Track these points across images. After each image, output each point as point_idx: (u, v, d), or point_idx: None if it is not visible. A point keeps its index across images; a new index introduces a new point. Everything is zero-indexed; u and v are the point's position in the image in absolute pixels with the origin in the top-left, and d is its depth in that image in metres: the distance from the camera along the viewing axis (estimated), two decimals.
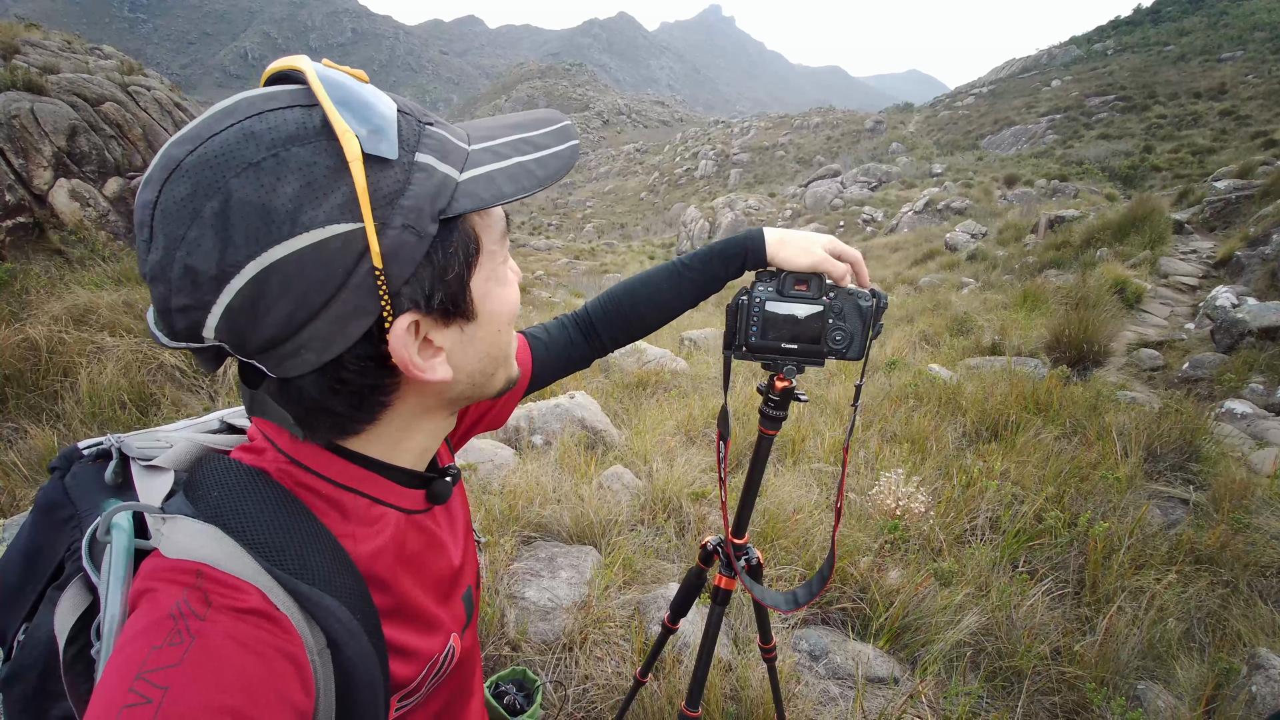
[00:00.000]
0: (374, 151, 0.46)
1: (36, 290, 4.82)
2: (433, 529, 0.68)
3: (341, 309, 0.47)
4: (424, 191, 0.48)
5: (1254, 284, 7.58)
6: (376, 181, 0.46)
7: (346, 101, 0.46)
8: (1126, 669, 2.25)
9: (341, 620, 0.51)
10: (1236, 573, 2.71)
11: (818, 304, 0.94)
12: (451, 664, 0.68)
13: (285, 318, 0.45)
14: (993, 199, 21.39)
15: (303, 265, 0.44)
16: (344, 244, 0.45)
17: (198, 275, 0.44)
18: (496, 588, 2.22)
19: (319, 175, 0.44)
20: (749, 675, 1.94)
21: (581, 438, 3.57)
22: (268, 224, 0.43)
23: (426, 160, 0.49)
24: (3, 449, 3.06)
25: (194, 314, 0.45)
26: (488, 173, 0.53)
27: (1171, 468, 3.69)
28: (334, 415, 0.54)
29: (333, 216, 0.44)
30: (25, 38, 7.52)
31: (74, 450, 0.62)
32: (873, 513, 2.96)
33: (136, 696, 0.40)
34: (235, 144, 0.44)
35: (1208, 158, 22.44)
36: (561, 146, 0.59)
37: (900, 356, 5.94)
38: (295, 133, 0.45)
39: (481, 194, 0.51)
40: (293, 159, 0.44)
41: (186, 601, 0.45)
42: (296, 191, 0.44)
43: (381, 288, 0.47)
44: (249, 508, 0.52)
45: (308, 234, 0.44)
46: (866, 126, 58.57)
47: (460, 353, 0.57)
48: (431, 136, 0.51)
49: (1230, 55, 41.68)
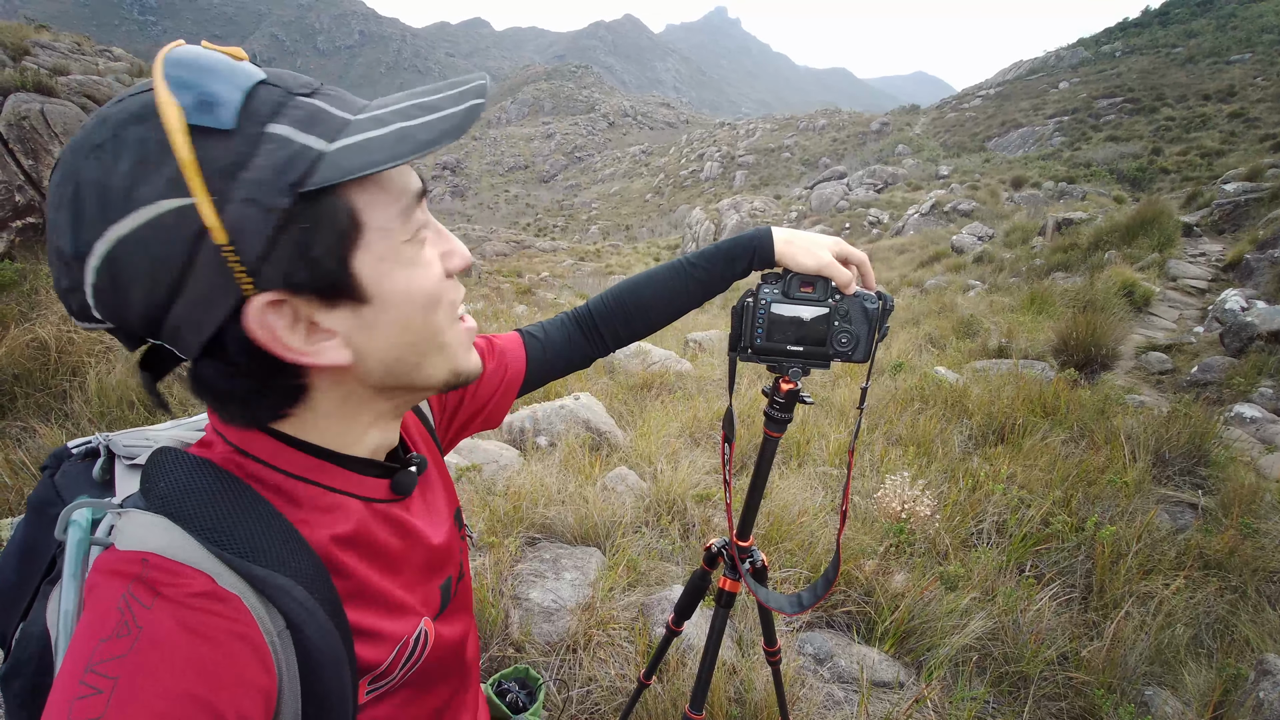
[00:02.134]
0: (200, 122, 0.44)
1: (46, 290, 4.85)
2: (404, 518, 0.67)
3: (197, 288, 0.46)
4: (270, 163, 0.45)
5: (1263, 287, 7.53)
6: (209, 153, 0.44)
7: (185, 78, 0.45)
8: (1134, 674, 2.23)
9: (298, 599, 0.51)
10: (1245, 578, 2.69)
11: (823, 306, 0.94)
12: (426, 648, 0.67)
13: (144, 297, 0.46)
14: (1000, 201, 21.32)
15: (144, 243, 0.44)
16: (178, 219, 0.44)
17: (64, 256, 0.46)
18: (501, 589, 2.22)
19: (150, 151, 0.44)
20: (753, 678, 1.94)
21: (586, 439, 3.57)
22: (106, 203, 0.44)
23: (280, 130, 0.46)
24: (12, 448, 3.08)
25: (76, 295, 0.47)
26: (361, 141, 0.48)
27: (1180, 472, 3.66)
28: (242, 400, 0.53)
29: (162, 191, 0.44)
30: (35, 39, 7.58)
31: (64, 450, 0.63)
32: (878, 516, 2.95)
33: (87, 688, 0.40)
34: (90, 129, 0.46)
35: (1216, 160, 22.28)
36: (457, 108, 0.52)
37: (906, 359, 5.92)
38: (137, 111, 0.45)
39: (346, 164, 0.47)
40: (129, 136, 0.44)
41: (132, 593, 0.45)
42: (130, 169, 0.44)
43: (234, 266, 0.45)
44: (195, 496, 0.51)
45: (140, 210, 0.44)
46: (872, 128, 58.47)
47: (362, 337, 0.54)
48: (300, 107, 0.48)
49: (1239, 57, 41.41)
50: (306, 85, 0.51)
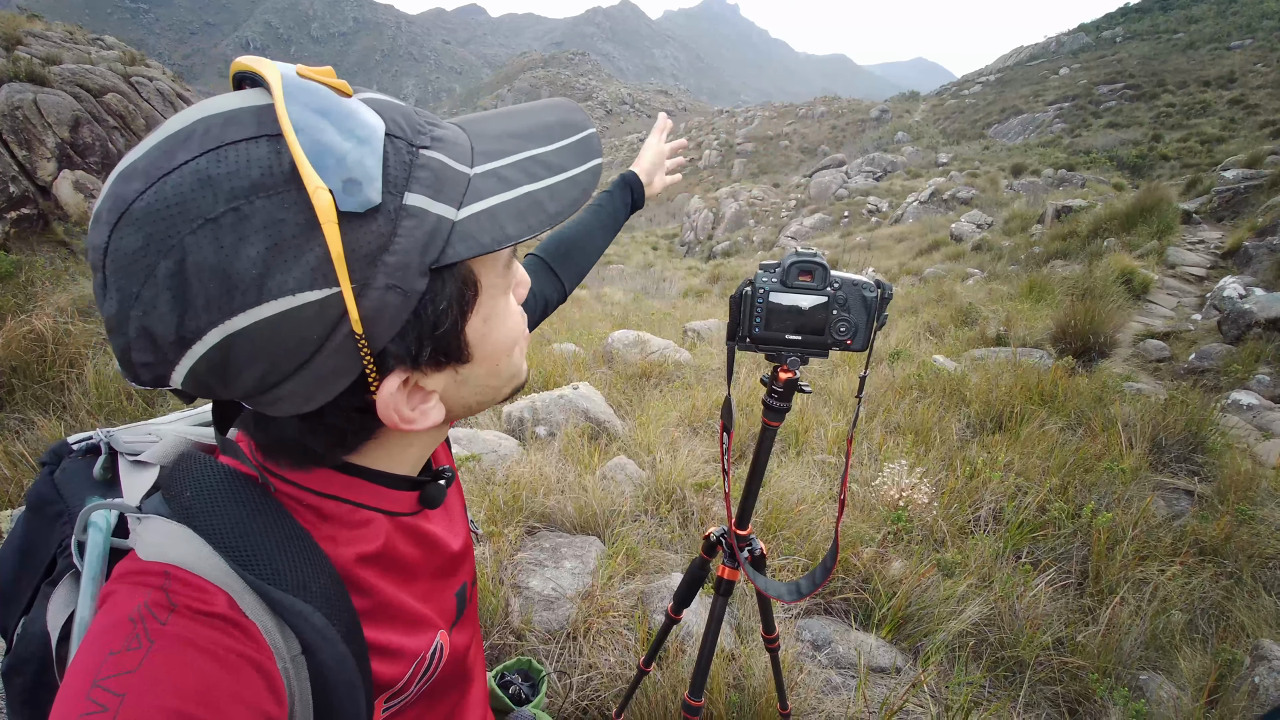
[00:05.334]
0: (351, 208, 0.40)
1: (42, 282, 4.84)
2: (425, 528, 0.66)
3: (318, 370, 0.43)
4: (412, 244, 0.42)
5: (1262, 274, 7.53)
6: (354, 240, 0.40)
7: (323, 144, 0.40)
8: (1129, 660, 2.25)
9: (315, 626, 0.49)
10: (1241, 564, 2.71)
11: (822, 295, 0.94)
12: (441, 661, 0.66)
13: (258, 378, 0.42)
14: (999, 189, 21.23)
15: (273, 333, 0.40)
16: (319, 310, 0.40)
17: (156, 338, 0.40)
18: (501, 577, 2.23)
19: (287, 235, 0.39)
20: (752, 665, 1.95)
21: (585, 429, 3.57)
22: (229, 291, 0.38)
23: (417, 203, 0.43)
24: (11, 440, 3.08)
25: (157, 369, 0.42)
26: (490, 209, 0.46)
27: (1177, 459, 3.68)
28: (309, 451, 0.51)
29: (304, 283, 0.39)
30: (28, 29, 7.51)
31: (64, 445, 0.62)
32: (876, 504, 2.96)
33: (93, 705, 0.38)
34: (190, 193, 0.38)
35: (1216, 147, 22.18)
36: (579, 170, 0.51)
37: (905, 347, 5.92)
38: (259, 180, 0.39)
39: (481, 238, 0.45)
40: (257, 215, 0.38)
41: (148, 605, 0.43)
42: (261, 254, 0.38)
43: (363, 350, 0.43)
44: (223, 510, 0.50)
45: (275, 301, 0.39)
46: (872, 115, 58.13)
47: (454, 393, 0.54)
48: (425, 166, 0.44)
49: (1239, 43, 41.16)
50: (423, 129, 0.47)
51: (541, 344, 5.56)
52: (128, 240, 0.38)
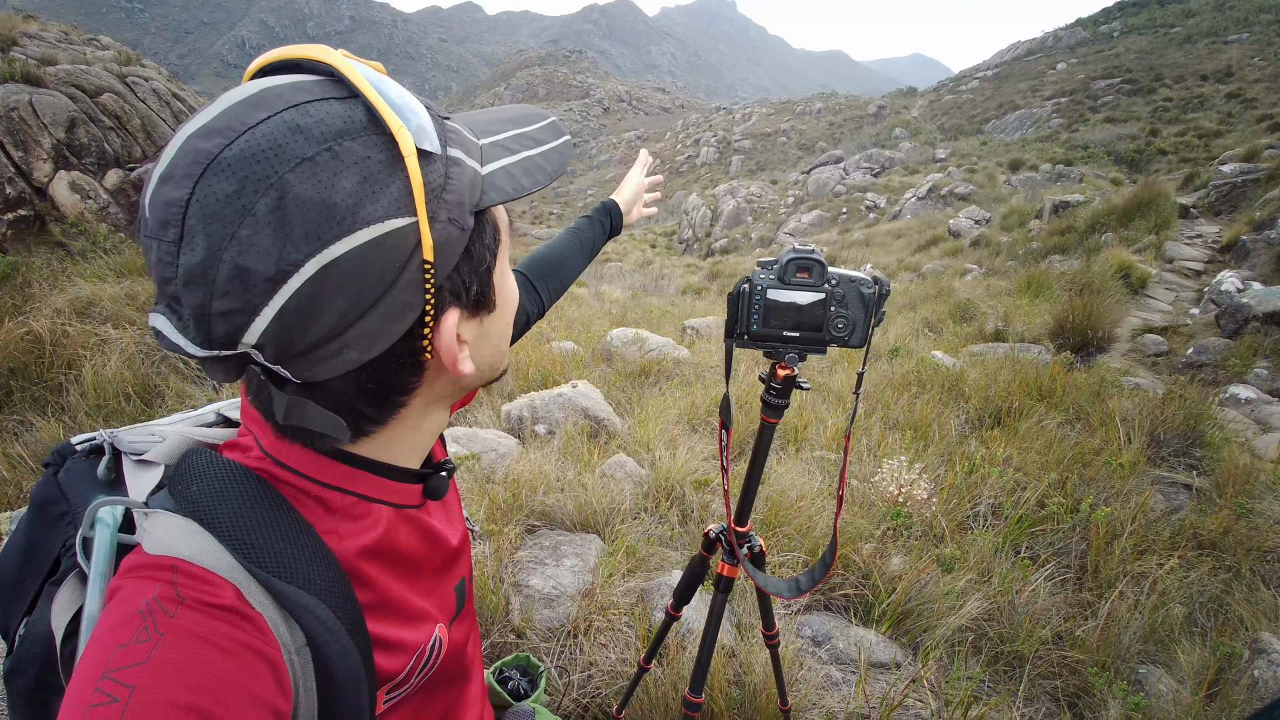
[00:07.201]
0: (422, 146, 0.46)
1: (39, 283, 4.83)
2: (426, 522, 0.67)
3: (391, 306, 0.46)
4: (462, 185, 0.49)
5: (1259, 268, 7.54)
6: (427, 176, 0.47)
7: (386, 95, 0.46)
8: (1128, 653, 2.26)
9: (320, 618, 0.51)
10: (1239, 558, 2.72)
11: (819, 291, 0.94)
12: (440, 655, 0.67)
13: (338, 316, 0.44)
14: (997, 184, 21.24)
15: (362, 261, 0.43)
16: (401, 238, 0.45)
17: (250, 276, 0.41)
18: (501, 576, 2.24)
19: (374, 170, 0.44)
20: (752, 661, 1.96)
21: (584, 427, 3.57)
22: (329, 219, 0.42)
23: (458, 155, 0.50)
24: (9, 441, 3.08)
25: (238, 318, 0.42)
26: (504, 167, 0.54)
27: (1175, 453, 3.69)
28: (358, 416, 0.53)
29: (390, 211, 0.44)
30: (23, 29, 7.48)
31: (67, 445, 0.62)
32: (875, 500, 2.97)
33: (103, 695, 0.39)
34: (284, 138, 0.42)
35: (1214, 141, 22.19)
36: (558, 141, 0.62)
37: (903, 344, 5.93)
38: (344, 127, 0.44)
39: (505, 187, 0.53)
40: (347, 153, 0.43)
41: (157, 599, 0.44)
42: (355, 186, 0.43)
43: (429, 282, 0.47)
44: (228, 503, 0.51)
45: (367, 229, 0.43)
46: (869, 112, 58.12)
47: (478, 345, 0.58)
48: (454, 132, 0.52)
49: (1237, 37, 41.14)
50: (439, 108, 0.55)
51: (540, 342, 5.56)
52: (219, 186, 0.41)
